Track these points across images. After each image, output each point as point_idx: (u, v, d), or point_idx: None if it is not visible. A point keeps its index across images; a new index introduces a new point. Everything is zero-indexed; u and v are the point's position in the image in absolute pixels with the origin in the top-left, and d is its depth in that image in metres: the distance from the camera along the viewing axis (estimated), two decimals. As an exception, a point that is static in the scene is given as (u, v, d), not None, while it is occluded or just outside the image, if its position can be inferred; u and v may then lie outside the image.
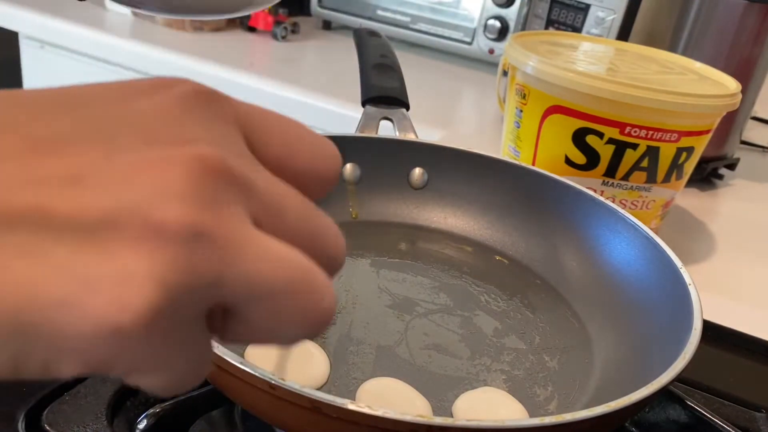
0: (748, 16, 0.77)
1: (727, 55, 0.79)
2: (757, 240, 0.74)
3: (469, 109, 1.05)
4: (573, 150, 0.58)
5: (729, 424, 0.38)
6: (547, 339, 0.42)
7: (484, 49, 1.12)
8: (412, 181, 0.54)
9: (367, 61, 0.61)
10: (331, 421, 0.26)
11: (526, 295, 0.46)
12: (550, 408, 0.37)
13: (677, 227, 0.72)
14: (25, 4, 1.10)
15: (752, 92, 0.84)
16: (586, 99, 0.55)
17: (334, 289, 0.17)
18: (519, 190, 0.52)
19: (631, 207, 0.60)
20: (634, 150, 0.56)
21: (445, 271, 0.48)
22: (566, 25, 0.97)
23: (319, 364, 0.36)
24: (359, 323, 0.41)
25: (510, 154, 0.65)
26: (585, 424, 0.27)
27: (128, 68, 1.05)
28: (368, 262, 0.48)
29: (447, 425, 0.25)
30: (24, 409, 0.35)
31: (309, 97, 0.92)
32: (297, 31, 1.22)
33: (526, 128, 0.61)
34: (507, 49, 0.62)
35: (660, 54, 0.69)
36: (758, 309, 0.60)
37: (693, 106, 0.55)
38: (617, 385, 0.36)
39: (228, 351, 0.28)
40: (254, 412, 0.30)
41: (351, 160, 0.53)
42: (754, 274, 0.66)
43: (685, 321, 0.35)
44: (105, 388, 0.36)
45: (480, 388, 0.37)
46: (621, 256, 0.45)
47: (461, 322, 0.43)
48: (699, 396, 0.43)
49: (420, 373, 0.38)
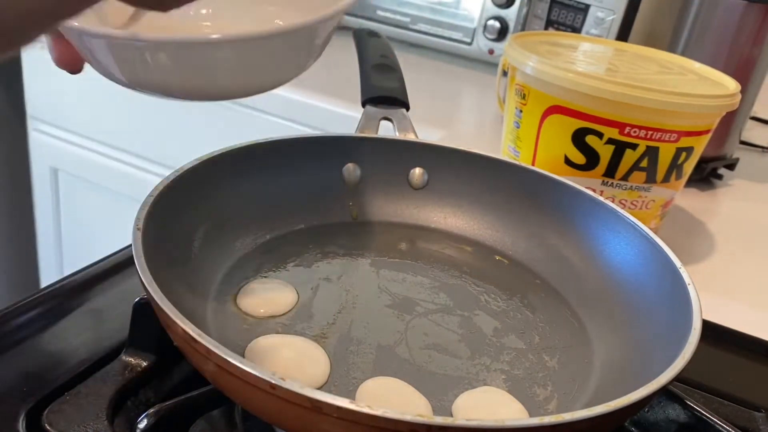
0: (748, 16, 0.77)
1: (727, 55, 0.79)
2: (757, 240, 0.74)
3: (469, 109, 1.05)
4: (572, 150, 0.58)
5: (728, 424, 0.38)
6: (547, 339, 0.42)
7: (483, 49, 1.12)
8: (412, 181, 0.54)
9: (367, 61, 0.62)
10: (331, 421, 0.26)
11: (526, 295, 0.46)
12: (549, 408, 0.37)
13: (677, 227, 0.72)
14: (25, 5, 1.10)
15: (752, 92, 0.84)
16: (586, 99, 0.55)
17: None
18: (519, 190, 0.52)
19: (631, 207, 0.60)
20: (634, 150, 0.56)
21: (445, 271, 0.48)
22: (566, 26, 0.97)
23: (319, 364, 0.36)
24: (359, 323, 0.41)
25: (510, 154, 0.65)
26: (585, 423, 0.27)
27: (128, 68, 1.05)
28: (368, 262, 0.48)
29: (447, 425, 0.26)
30: (24, 409, 0.35)
31: (309, 97, 0.92)
32: (297, 32, 1.22)
33: (525, 128, 0.61)
34: (507, 50, 0.62)
35: (659, 54, 0.69)
36: (758, 309, 0.60)
37: (692, 106, 0.55)
38: (617, 384, 0.36)
39: (228, 351, 0.28)
40: (254, 412, 0.30)
41: (351, 160, 0.53)
42: (753, 274, 0.66)
43: (685, 321, 0.35)
44: (105, 388, 0.36)
45: (480, 388, 0.37)
46: (620, 256, 0.45)
47: (461, 322, 0.43)
48: (699, 396, 0.43)
49: (420, 372, 0.38)
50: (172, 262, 0.38)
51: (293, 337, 0.38)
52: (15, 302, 0.44)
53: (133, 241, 0.34)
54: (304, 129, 0.94)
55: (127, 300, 0.41)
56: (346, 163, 0.53)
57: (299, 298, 0.42)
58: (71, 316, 0.44)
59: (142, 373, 0.38)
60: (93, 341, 0.41)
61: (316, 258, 0.47)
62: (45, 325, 0.43)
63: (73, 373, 0.38)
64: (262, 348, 0.37)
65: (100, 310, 0.44)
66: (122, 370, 0.38)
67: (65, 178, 1.21)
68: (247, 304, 0.41)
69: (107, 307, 0.45)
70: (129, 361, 0.39)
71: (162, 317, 0.31)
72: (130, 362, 0.38)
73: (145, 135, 1.10)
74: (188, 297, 0.38)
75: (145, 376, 0.38)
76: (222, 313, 0.40)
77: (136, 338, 0.39)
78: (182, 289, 0.37)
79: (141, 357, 0.39)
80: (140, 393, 0.38)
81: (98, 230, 1.21)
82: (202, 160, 0.44)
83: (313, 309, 0.42)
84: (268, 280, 0.43)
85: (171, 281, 0.34)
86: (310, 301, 0.42)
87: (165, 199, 0.39)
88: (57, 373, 0.38)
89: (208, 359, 0.28)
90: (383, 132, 0.55)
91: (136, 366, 0.38)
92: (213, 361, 0.28)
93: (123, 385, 0.37)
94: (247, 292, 0.42)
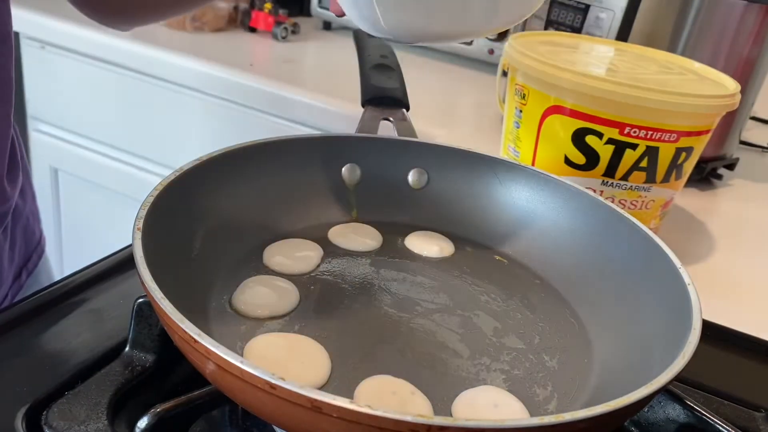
0: (748, 16, 0.77)
1: (727, 55, 0.79)
2: (757, 240, 0.74)
3: (469, 109, 1.05)
4: (572, 150, 0.58)
5: (728, 424, 0.38)
6: (547, 339, 0.42)
7: (483, 49, 1.12)
8: (412, 181, 0.54)
9: (367, 61, 0.62)
10: (331, 421, 0.26)
11: (526, 295, 0.46)
12: (549, 408, 0.37)
13: (676, 227, 0.72)
14: (25, 5, 1.10)
15: (751, 92, 0.84)
16: (586, 99, 0.55)
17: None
18: (519, 190, 0.52)
19: (631, 207, 0.60)
20: (634, 150, 0.56)
21: (445, 271, 0.48)
22: (566, 26, 0.97)
23: (319, 364, 0.36)
24: (359, 323, 0.41)
25: (510, 154, 0.65)
26: (584, 423, 0.27)
27: (129, 68, 1.05)
28: (368, 262, 0.48)
29: (447, 425, 0.26)
30: (24, 409, 0.35)
31: (309, 97, 0.92)
32: (297, 32, 1.22)
33: (525, 128, 0.61)
34: (507, 50, 0.62)
35: (659, 54, 0.69)
36: (757, 309, 0.60)
37: (692, 106, 0.55)
38: (617, 384, 0.36)
39: (228, 351, 0.28)
40: (254, 412, 0.30)
41: (351, 160, 0.53)
42: (753, 274, 0.66)
43: (685, 321, 0.35)
44: (105, 388, 0.36)
45: (480, 388, 0.37)
46: (620, 256, 0.45)
47: (461, 322, 0.43)
48: (698, 396, 0.43)
49: (420, 372, 0.38)
50: (172, 262, 0.38)
51: (293, 336, 0.38)
52: (15, 302, 0.44)
53: (133, 241, 0.34)
54: (304, 129, 0.94)
55: (127, 300, 0.41)
56: (346, 163, 0.53)
57: (299, 298, 0.42)
58: (71, 316, 0.44)
59: (142, 373, 0.38)
60: (93, 341, 0.41)
61: (317, 258, 0.47)
62: (45, 325, 0.43)
63: (73, 373, 0.38)
64: (262, 348, 0.37)
65: (100, 310, 0.44)
66: (122, 370, 0.38)
67: (65, 178, 1.21)
68: (247, 304, 0.41)
69: (107, 307, 0.45)
70: (129, 361, 0.39)
71: (162, 317, 0.31)
72: (130, 362, 0.38)
73: (145, 135, 1.10)
74: (188, 297, 0.38)
75: (145, 376, 0.38)
76: (222, 313, 0.40)
77: (136, 338, 0.39)
78: (182, 289, 0.37)
79: (141, 357, 0.39)
80: (140, 393, 0.38)
81: (98, 230, 1.21)
82: (202, 160, 0.44)
83: (313, 309, 0.42)
84: (269, 280, 0.43)
85: (171, 281, 0.34)
86: (310, 301, 0.42)
87: (165, 199, 0.39)
88: (57, 373, 0.38)
89: (208, 359, 0.28)
90: (383, 132, 0.55)
91: (136, 366, 0.38)
92: (213, 361, 0.28)
93: (123, 385, 0.37)
94: (247, 292, 0.42)
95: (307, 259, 0.46)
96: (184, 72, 1.00)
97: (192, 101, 1.02)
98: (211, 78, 0.98)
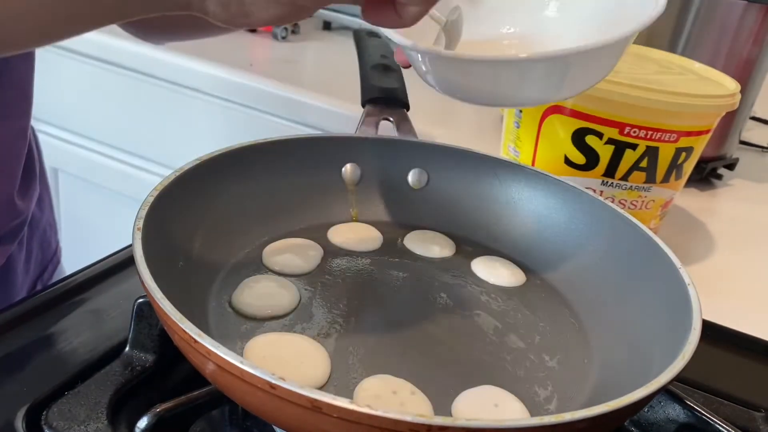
0: (748, 16, 0.77)
1: (727, 55, 0.79)
2: (757, 240, 0.74)
3: (469, 109, 1.05)
4: (572, 150, 0.58)
5: (728, 424, 0.38)
6: (547, 339, 0.42)
7: (483, 49, 1.11)
8: (412, 181, 0.54)
9: (367, 61, 0.62)
10: (331, 421, 0.26)
11: (526, 295, 0.46)
12: (549, 407, 0.37)
13: (676, 227, 0.72)
14: (25, 5, 1.10)
15: (751, 92, 0.84)
16: (586, 99, 0.55)
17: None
18: (519, 190, 0.52)
19: (631, 207, 0.60)
20: (634, 150, 0.56)
21: (445, 270, 0.48)
22: (566, 26, 0.97)
23: (319, 364, 0.36)
24: (359, 323, 0.41)
25: (510, 154, 0.65)
26: (584, 423, 0.27)
27: (129, 68, 1.05)
28: (368, 262, 0.48)
29: (447, 425, 0.26)
30: (24, 408, 0.35)
31: (309, 97, 0.92)
32: (297, 32, 1.22)
33: (525, 128, 0.61)
34: (507, 50, 0.62)
35: (659, 54, 0.69)
36: (757, 309, 0.60)
37: (692, 106, 0.55)
38: (617, 384, 0.36)
39: (228, 351, 0.28)
40: (254, 412, 0.30)
41: (351, 160, 0.53)
42: (753, 274, 0.66)
43: (685, 321, 0.35)
44: (105, 388, 0.36)
45: (480, 387, 0.37)
46: (620, 256, 0.45)
47: (461, 322, 0.43)
48: (698, 396, 0.43)
49: (420, 372, 0.38)
50: (172, 262, 0.38)
51: (293, 336, 0.38)
52: (15, 302, 0.44)
53: (133, 241, 0.34)
54: (304, 129, 0.94)
55: (127, 300, 0.41)
56: (346, 163, 0.53)
57: (299, 298, 0.42)
58: (71, 316, 0.44)
59: (142, 372, 0.38)
60: (93, 341, 0.41)
61: (317, 258, 0.47)
62: (45, 325, 0.43)
63: (73, 373, 0.38)
64: (262, 348, 0.37)
65: (100, 310, 0.44)
66: (122, 370, 0.38)
67: (65, 178, 1.21)
68: (247, 304, 0.41)
69: (107, 307, 0.45)
70: (129, 361, 0.39)
71: (162, 317, 0.31)
72: (130, 362, 0.38)
73: (145, 135, 1.10)
74: (188, 297, 0.38)
75: (145, 376, 0.38)
76: (222, 313, 0.40)
77: (136, 338, 0.39)
78: (182, 289, 0.37)
79: (141, 357, 0.39)
80: (140, 393, 0.38)
81: (98, 230, 1.21)
82: (202, 160, 0.44)
83: (313, 309, 0.42)
84: (269, 279, 0.43)
85: (171, 281, 0.34)
86: (310, 301, 0.42)
87: (165, 199, 0.39)
88: (57, 373, 0.38)
89: (208, 359, 0.28)
90: (383, 132, 0.55)
91: (137, 366, 0.38)
92: (213, 361, 0.28)
93: (123, 385, 0.37)
94: (247, 292, 0.42)
95: (307, 259, 0.46)
96: (184, 72, 1.00)
97: (192, 101, 1.02)
98: (211, 78, 0.98)
